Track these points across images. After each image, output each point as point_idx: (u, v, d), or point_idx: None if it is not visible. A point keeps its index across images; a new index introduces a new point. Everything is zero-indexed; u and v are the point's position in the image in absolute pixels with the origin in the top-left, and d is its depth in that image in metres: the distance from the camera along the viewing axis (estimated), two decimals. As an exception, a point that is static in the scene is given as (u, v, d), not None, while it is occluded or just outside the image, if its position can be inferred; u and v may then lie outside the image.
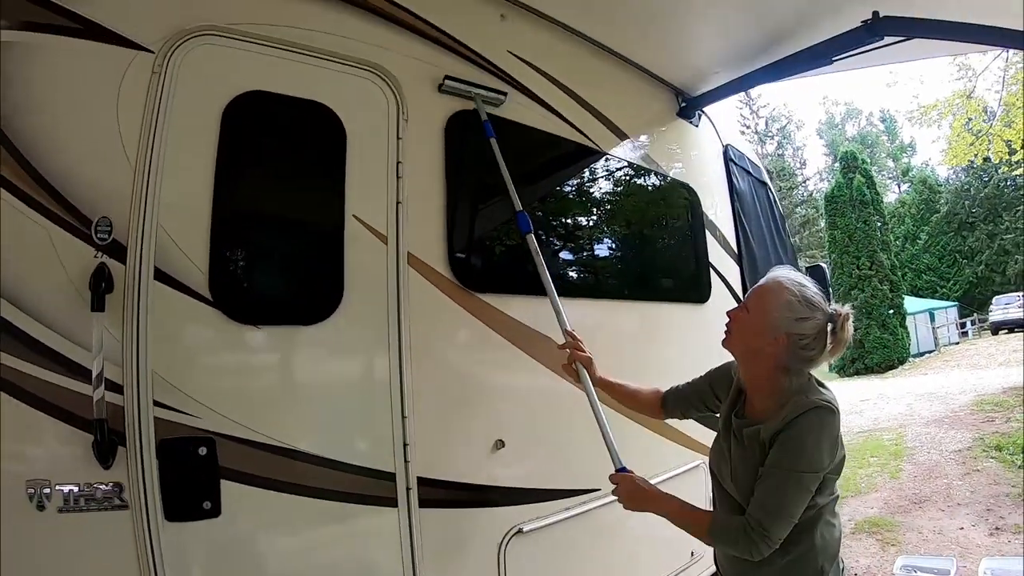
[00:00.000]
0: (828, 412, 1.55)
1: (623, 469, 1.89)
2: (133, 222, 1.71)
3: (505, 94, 2.51)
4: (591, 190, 3.16)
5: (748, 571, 1.62)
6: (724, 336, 1.74)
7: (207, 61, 1.86)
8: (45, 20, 1.65)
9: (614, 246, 3.23)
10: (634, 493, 1.80)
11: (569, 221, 2.96)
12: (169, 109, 1.78)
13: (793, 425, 1.52)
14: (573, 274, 2.93)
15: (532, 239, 2.29)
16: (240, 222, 1.91)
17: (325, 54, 2.06)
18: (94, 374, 1.59)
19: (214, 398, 1.76)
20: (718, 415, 1.92)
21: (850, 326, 1.62)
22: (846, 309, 1.62)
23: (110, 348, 1.63)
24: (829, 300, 1.70)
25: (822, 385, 1.65)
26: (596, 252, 3.10)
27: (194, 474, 1.72)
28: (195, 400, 1.73)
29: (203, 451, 1.72)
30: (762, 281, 1.69)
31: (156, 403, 1.68)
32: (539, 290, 2.30)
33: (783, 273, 1.68)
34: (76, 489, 1.59)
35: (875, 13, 2.57)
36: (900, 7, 2.62)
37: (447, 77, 2.34)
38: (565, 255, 2.90)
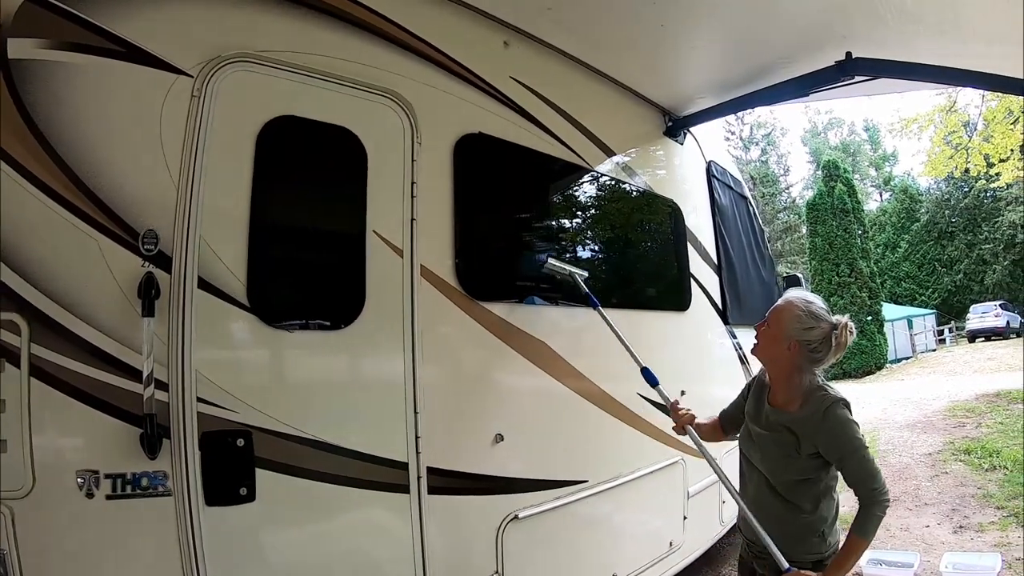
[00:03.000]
0: (846, 404, 1.98)
1: (789, 569, 1.94)
2: (177, 235, 1.86)
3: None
4: (581, 205, 3.37)
5: (779, 527, 2.00)
6: (753, 345, 2.16)
7: (242, 86, 2.00)
8: (90, 42, 1.76)
9: (601, 257, 3.44)
10: None
11: (560, 234, 3.16)
12: (208, 131, 1.93)
13: (829, 416, 1.94)
14: (564, 284, 3.12)
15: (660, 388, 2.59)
16: (275, 236, 2.08)
17: (347, 81, 2.23)
18: (145, 374, 1.74)
19: (251, 394, 1.94)
20: None
21: (848, 333, 2.00)
22: (846, 319, 2.01)
23: (156, 349, 1.78)
24: None
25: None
26: (584, 262, 3.29)
27: (232, 463, 1.90)
28: (234, 396, 1.91)
29: (240, 442, 1.90)
30: (778, 301, 2.12)
31: (199, 399, 1.85)
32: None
33: (794, 294, 2.11)
34: (123, 478, 1.75)
35: (848, 54, 2.82)
36: (873, 48, 2.85)
37: (550, 257, 2.67)
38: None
